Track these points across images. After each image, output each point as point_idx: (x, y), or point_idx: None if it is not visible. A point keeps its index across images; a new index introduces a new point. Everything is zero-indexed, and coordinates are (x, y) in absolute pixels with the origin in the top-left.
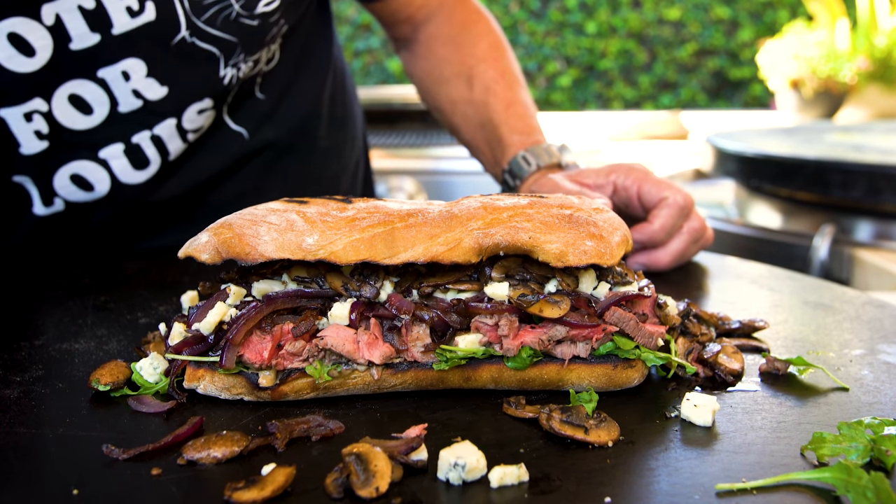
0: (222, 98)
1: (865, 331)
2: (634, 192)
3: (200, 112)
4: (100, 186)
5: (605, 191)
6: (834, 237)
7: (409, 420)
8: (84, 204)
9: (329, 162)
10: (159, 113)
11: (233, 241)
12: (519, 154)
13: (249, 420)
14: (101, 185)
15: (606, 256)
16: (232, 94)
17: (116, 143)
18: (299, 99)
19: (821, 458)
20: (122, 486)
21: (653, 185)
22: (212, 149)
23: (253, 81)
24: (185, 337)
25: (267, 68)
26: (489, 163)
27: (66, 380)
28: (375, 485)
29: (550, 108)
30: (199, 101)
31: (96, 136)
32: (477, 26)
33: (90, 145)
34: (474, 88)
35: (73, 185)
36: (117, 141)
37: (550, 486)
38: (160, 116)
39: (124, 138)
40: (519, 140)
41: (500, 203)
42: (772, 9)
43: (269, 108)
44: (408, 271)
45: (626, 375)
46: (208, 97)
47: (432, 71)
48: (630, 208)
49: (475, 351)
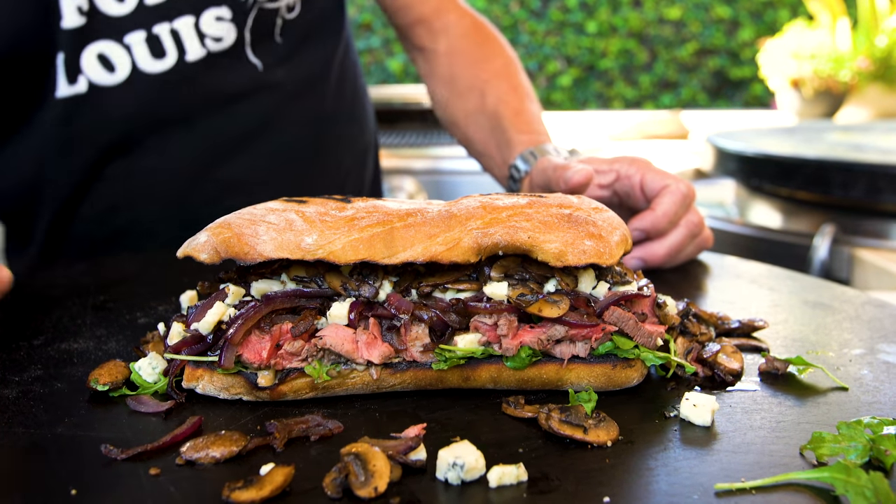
0: (241, 15)
1: (865, 330)
2: (637, 180)
3: (218, 20)
4: (121, 70)
5: (607, 177)
6: (834, 237)
7: (408, 420)
8: (104, 88)
9: (333, 129)
10: (178, 8)
11: (231, 241)
12: (526, 150)
13: (248, 420)
14: (123, 69)
15: (605, 256)
16: (251, 17)
17: (139, 31)
18: (311, 55)
19: (820, 457)
20: (120, 486)
21: (656, 173)
22: (226, 67)
23: (273, 23)
24: (184, 337)
25: (288, 16)
26: (498, 166)
27: (64, 380)
28: (374, 484)
29: (551, 107)
30: (217, 7)
31: (124, 22)
32: (492, 46)
33: (118, 30)
34: (487, 99)
35: (98, 63)
36: (140, 28)
37: (549, 485)
38: (179, 12)
39: (147, 27)
40: (526, 139)
41: (499, 203)
42: (772, 8)
43: (284, 53)
44: (407, 271)
45: (626, 375)
46: (226, 5)
47: (449, 85)
48: (632, 198)
49: (474, 350)
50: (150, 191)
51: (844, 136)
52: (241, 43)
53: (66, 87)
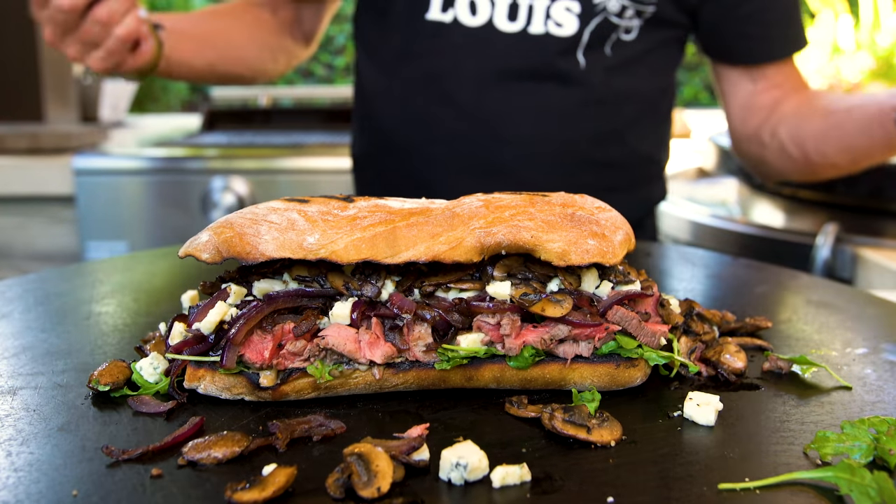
0: (586, 16)
1: (868, 329)
2: None
3: (567, 10)
4: (480, 17)
5: None
6: (837, 236)
7: (411, 420)
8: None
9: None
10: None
11: (233, 240)
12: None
13: (250, 420)
14: (482, 17)
15: (609, 255)
16: (594, 21)
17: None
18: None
19: (824, 457)
20: (122, 487)
21: None
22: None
23: (607, 37)
24: (186, 337)
25: (624, 37)
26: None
27: (65, 380)
28: (377, 485)
29: None
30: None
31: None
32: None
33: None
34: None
35: (467, 7)
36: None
37: (553, 485)
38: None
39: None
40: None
41: (502, 202)
42: None
43: (608, 65)
44: (409, 270)
45: (629, 375)
46: (578, 1)
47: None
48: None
49: (477, 350)
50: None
51: None
52: (578, 38)
53: (438, 12)
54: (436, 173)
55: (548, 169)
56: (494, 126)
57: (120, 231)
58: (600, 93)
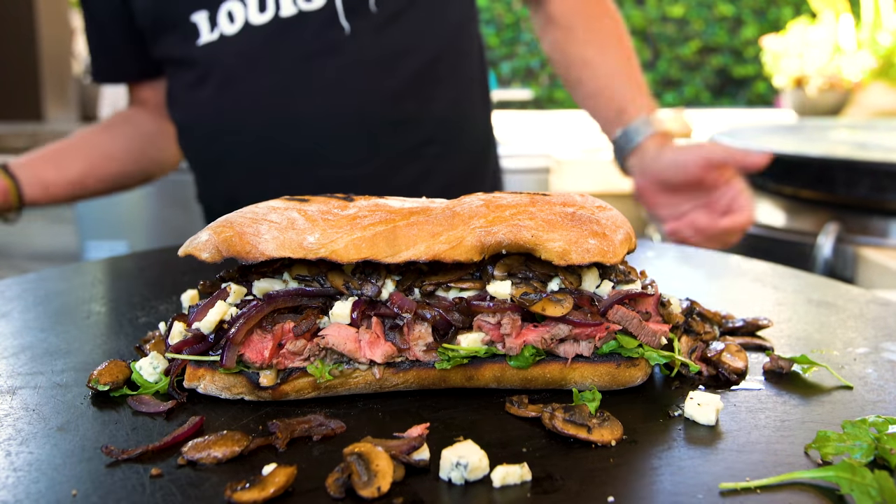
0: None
1: (869, 329)
2: None
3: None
4: (237, 21)
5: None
6: (838, 235)
7: (411, 419)
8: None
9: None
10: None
11: (233, 240)
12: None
13: (250, 420)
14: (238, 21)
15: (609, 255)
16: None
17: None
18: (407, 35)
19: (825, 456)
20: (121, 487)
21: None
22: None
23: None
24: (185, 336)
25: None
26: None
27: (65, 379)
28: (377, 484)
29: (554, 105)
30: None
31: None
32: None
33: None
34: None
35: (226, 18)
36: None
37: (553, 485)
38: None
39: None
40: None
41: (503, 201)
42: (775, 6)
43: (377, 24)
44: (410, 270)
45: (630, 374)
46: None
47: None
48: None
49: (477, 350)
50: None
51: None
52: (332, 5)
53: (208, 34)
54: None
55: (351, 141)
56: (287, 115)
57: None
58: (374, 53)
